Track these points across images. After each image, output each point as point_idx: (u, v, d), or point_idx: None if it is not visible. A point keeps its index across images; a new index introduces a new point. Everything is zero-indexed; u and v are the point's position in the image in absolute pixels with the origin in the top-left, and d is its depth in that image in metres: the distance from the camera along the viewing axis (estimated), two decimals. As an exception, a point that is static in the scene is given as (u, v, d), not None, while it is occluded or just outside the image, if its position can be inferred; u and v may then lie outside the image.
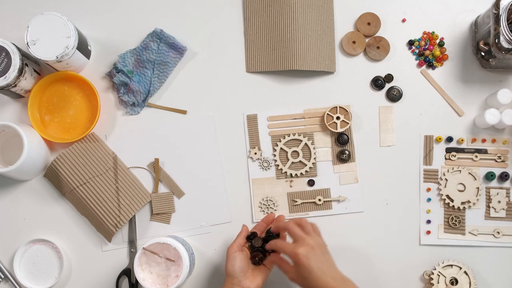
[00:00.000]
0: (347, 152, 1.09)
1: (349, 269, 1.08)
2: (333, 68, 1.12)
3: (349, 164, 1.10)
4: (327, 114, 1.09)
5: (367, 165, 1.10)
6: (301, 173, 1.10)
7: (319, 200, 1.09)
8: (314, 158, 1.10)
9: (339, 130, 1.09)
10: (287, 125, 1.11)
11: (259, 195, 1.10)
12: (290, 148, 1.10)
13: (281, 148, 1.10)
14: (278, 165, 1.10)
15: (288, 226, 0.92)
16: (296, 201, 1.10)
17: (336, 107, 1.10)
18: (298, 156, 1.10)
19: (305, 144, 1.10)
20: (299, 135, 1.11)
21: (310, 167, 1.10)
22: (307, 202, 1.10)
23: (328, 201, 1.10)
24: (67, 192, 1.09)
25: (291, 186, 1.10)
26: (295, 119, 1.11)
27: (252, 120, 1.11)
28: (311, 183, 1.10)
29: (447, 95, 1.11)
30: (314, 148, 1.10)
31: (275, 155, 1.10)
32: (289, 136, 1.11)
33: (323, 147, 1.11)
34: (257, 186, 1.10)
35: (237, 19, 1.13)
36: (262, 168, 1.10)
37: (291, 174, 1.10)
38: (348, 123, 1.09)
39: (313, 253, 0.87)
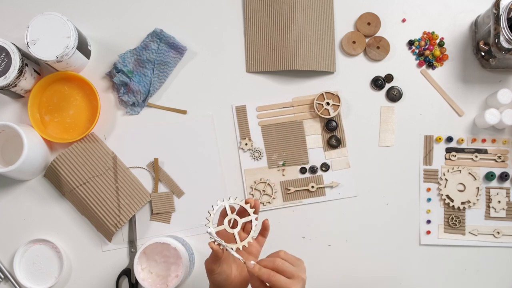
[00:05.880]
0: (335, 137, 1.09)
1: (349, 269, 1.08)
2: (333, 68, 1.12)
3: (340, 149, 1.10)
4: (317, 103, 1.09)
5: (366, 165, 1.10)
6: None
7: (312, 187, 1.09)
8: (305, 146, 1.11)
9: (333, 114, 1.09)
10: (277, 114, 1.11)
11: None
12: None
13: None
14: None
15: (276, 264, 0.78)
16: (290, 189, 1.10)
17: (322, 93, 1.10)
18: None
19: None
20: None
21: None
22: (300, 190, 1.10)
23: (321, 187, 1.10)
24: (67, 192, 1.09)
25: (283, 175, 1.10)
26: (284, 107, 1.11)
27: (241, 112, 1.11)
28: (303, 170, 1.10)
29: (447, 95, 1.11)
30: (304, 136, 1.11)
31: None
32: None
33: (313, 134, 1.11)
34: (249, 177, 1.10)
35: (237, 19, 1.13)
36: (254, 158, 1.10)
37: (283, 163, 1.10)
38: (339, 105, 1.09)
39: None
